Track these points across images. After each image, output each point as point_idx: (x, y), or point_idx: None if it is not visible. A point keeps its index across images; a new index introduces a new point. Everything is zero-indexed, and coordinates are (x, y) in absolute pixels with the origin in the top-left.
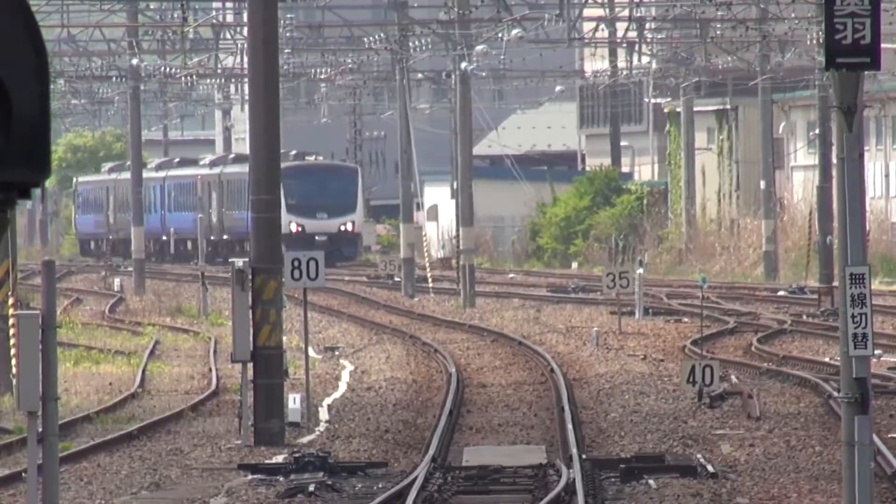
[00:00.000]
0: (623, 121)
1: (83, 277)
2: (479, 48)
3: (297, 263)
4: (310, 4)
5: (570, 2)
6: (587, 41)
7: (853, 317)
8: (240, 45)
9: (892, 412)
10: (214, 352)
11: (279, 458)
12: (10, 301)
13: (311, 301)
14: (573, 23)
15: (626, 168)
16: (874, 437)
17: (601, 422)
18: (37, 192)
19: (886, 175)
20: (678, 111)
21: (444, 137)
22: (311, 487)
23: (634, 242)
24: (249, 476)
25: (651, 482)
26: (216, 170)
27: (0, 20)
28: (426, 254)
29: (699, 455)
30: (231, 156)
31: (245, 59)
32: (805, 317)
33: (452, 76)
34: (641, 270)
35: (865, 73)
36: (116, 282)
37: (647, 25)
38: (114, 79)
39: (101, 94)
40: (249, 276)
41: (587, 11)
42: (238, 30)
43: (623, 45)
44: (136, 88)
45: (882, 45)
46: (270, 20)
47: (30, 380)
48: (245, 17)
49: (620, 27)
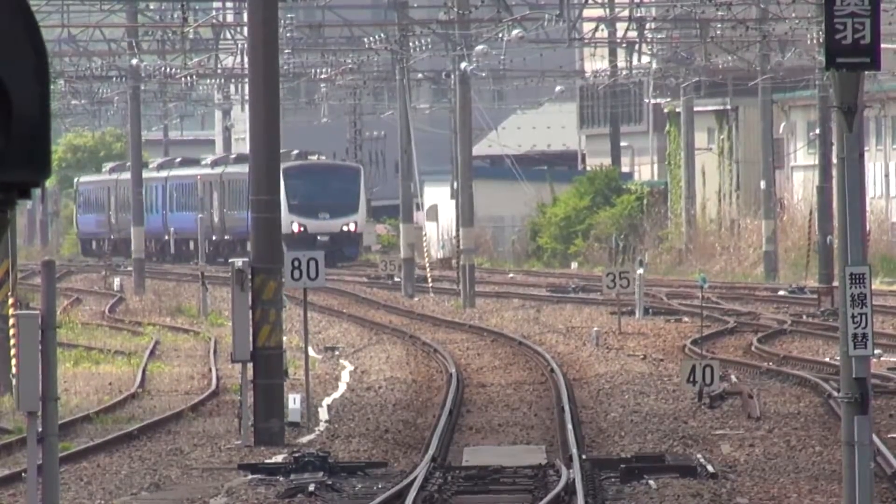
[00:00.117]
0: (623, 121)
1: (83, 277)
2: (479, 48)
3: (297, 263)
4: (310, 4)
5: (570, 2)
6: (587, 41)
7: (853, 317)
8: (240, 45)
9: (892, 412)
10: (214, 352)
11: (279, 458)
12: (10, 301)
13: (311, 301)
14: (573, 23)
15: (626, 168)
16: (874, 437)
17: (601, 422)
18: (37, 192)
19: (886, 175)
20: (678, 111)
21: (444, 137)
22: (311, 487)
23: (634, 242)
24: (249, 476)
25: (651, 482)
26: (218, 170)
27: (0, 20)
28: (426, 254)
29: (699, 455)
30: (233, 156)
31: (245, 59)
32: (805, 317)
33: (452, 76)
34: (641, 270)
35: (865, 73)
36: (116, 282)
37: (647, 25)
38: (114, 79)
39: (101, 94)
40: (249, 276)
41: (587, 11)
42: (238, 30)
43: (623, 45)
44: (136, 88)
45: (882, 45)
46: (270, 20)
47: (30, 380)
48: (245, 17)
49: (620, 27)
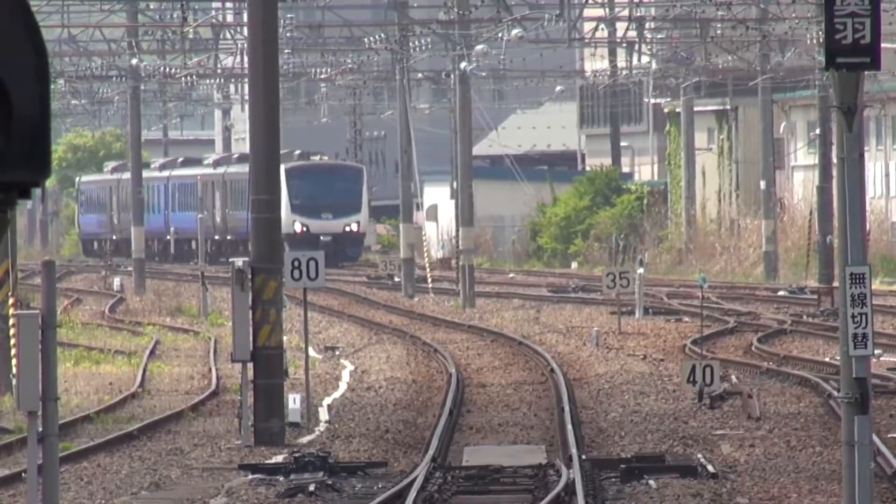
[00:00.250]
0: (623, 121)
1: (83, 277)
2: (479, 48)
3: (297, 263)
4: (310, 4)
5: (570, 2)
6: (587, 41)
7: (853, 317)
8: (240, 45)
9: (892, 412)
10: (214, 352)
11: (279, 458)
12: (10, 301)
13: (311, 301)
14: (573, 23)
15: (626, 168)
16: (874, 437)
17: (601, 422)
18: (37, 192)
19: (886, 175)
20: (678, 111)
21: (444, 137)
22: (311, 487)
23: (634, 242)
24: (249, 476)
25: (651, 482)
26: (220, 169)
27: (0, 20)
28: (426, 254)
29: (699, 455)
30: (235, 155)
31: (245, 59)
32: (805, 317)
33: (452, 76)
34: (641, 270)
35: (865, 73)
36: (116, 282)
37: (647, 25)
38: (114, 79)
39: (101, 94)
40: (249, 276)
41: (587, 11)
42: (238, 30)
43: (623, 45)
44: (136, 88)
45: (882, 45)
46: (270, 20)
47: (30, 380)
48: (245, 17)
49: (620, 27)
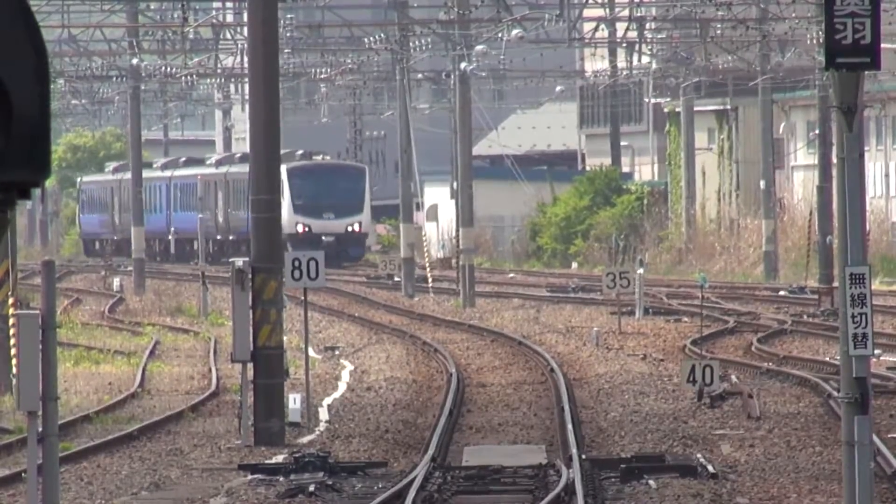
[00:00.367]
0: (623, 121)
1: (83, 277)
2: (479, 48)
3: (298, 263)
4: (310, 4)
5: (570, 2)
6: (587, 41)
7: (853, 317)
8: (240, 45)
9: (892, 412)
10: (214, 352)
11: (279, 458)
12: (10, 301)
13: (312, 301)
14: (573, 23)
15: (627, 168)
16: (874, 437)
17: (601, 422)
18: (37, 192)
19: (886, 175)
20: (678, 111)
21: (444, 137)
22: (311, 487)
23: (634, 242)
24: (249, 476)
25: (651, 482)
26: (222, 169)
27: (0, 20)
28: (426, 254)
29: (699, 455)
30: (237, 155)
31: (245, 59)
32: (805, 317)
33: (452, 76)
34: (641, 270)
35: (865, 73)
36: (116, 282)
37: (647, 25)
38: (114, 79)
39: (102, 94)
40: (249, 276)
41: (587, 11)
42: (238, 30)
43: (623, 45)
44: (137, 88)
45: (882, 45)
46: (270, 20)
47: (30, 380)
48: (245, 17)
49: (620, 27)
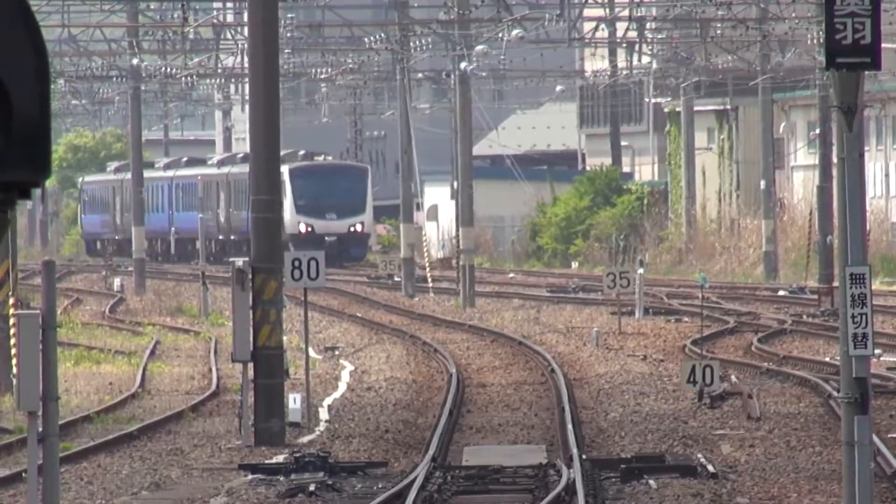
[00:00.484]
0: (623, 121)
1: (83, 277)
2: (479, 48)
3: (298, 263)
4: (310, 4)
5: (571, 2)
6: (587, 41)
7: (853, 317)
8: (240, 45)
9: (892, 412)
10: (215, 352)
11: (279, 458)
12: (11, 301)
13: (312, 301)
14: (573, 23)
15: (627, 168)
16: (874, 437)
17: (601, 422)
18: (37, 192)
19: (886, 175)
20: (678, 111)
21: (444, 137)
22: (312, 487)
23: (635, 242)
24: (250, 476)
25: (651, 482)
26: (224, 169)
27: (0, 20)
28: (426, 254)
29: (699, 455)
30: (239, 155)
31: (245, 59)
32: (805, 317)
33: (452, 76)
34: (641, 270)
35: (865, 73)
36: (116, 282)
37: (647, 25)
38: (114, 79)
39: (102, 94)
40: (250, 276)
41: (587, 11)
42: (238, 30)
43: (623, 45)
44: (137, 88)
45: (882, 45)
46: (270, 20)
47: (30, 380)
48: (245, 17)
49: (620, 27)
